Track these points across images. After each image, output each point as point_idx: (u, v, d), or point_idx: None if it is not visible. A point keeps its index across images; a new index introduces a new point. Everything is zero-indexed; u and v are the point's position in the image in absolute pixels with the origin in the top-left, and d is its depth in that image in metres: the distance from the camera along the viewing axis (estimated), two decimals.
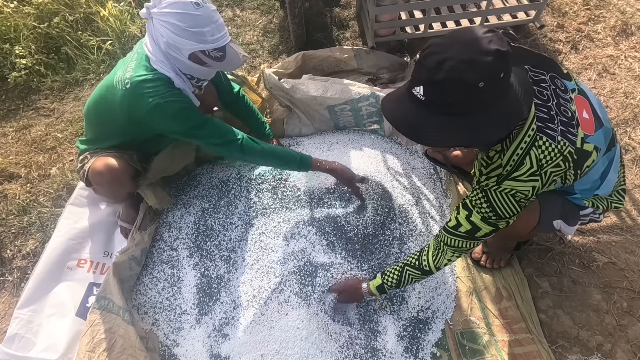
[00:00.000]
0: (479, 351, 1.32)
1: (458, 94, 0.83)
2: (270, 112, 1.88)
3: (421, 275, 1.19)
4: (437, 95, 0.85)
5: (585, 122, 1.02)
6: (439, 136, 0.88)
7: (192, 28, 1.15)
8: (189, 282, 1.46)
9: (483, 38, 0.82)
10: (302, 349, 1.29)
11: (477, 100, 0.84)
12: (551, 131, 0.96)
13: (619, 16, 2.22)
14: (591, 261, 1.49)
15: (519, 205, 0.99)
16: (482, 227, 1.05)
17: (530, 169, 0.94)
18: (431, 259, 1.15)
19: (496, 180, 0.98)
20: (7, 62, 2.22)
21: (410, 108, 0.89)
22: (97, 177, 1.36)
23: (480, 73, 0.81)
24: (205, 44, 1.18)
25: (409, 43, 2.21)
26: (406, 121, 0.91)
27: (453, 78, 0.81)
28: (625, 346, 1.32)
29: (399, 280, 1.21)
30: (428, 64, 0.83)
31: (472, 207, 1.04)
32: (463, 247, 1.10)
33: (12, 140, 2.05)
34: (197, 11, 1.14)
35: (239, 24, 2.45)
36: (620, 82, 1.99)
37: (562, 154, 0.95)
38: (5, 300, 1.58)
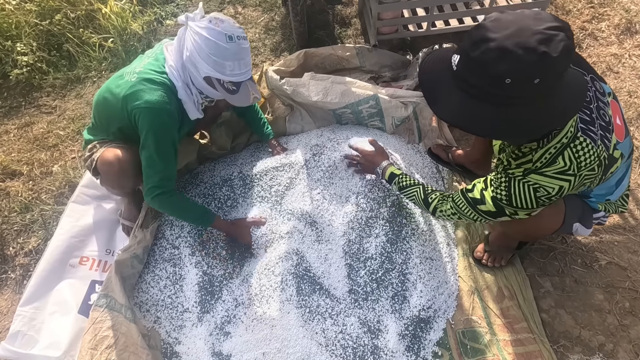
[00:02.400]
0: (480, 350, 1.32)
1: (482, 79, 0.78)
2: (272, 110, 1.88)
3: (420, 202, 1.25)
4: (466, 70, 0.80)
5: (617, 129, 1.00)
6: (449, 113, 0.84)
7: (216, 57, 1.18)
8: (190, 280, 1.47)
9: (541, 33, 0.72)
10: (303, 348, 1.29)
11: (497, 95, 0.78)
12: (592, 134, 0.92)
13: (623, 14, 2.20)
14: (593, 261, 1.49)
15: (536, 202, 0.96)
16: (486, 203, 1.04)
17: (562, 167, 0.91)
18: (437, 197, 1.20)
19: (523, 171, 0.96)
20: (9, 59, 2.22)
21: (444, 71, 0.85)
22: (105, 167, 1.36)
23: (510, 69, 0.73)
24: (223, 75, 1.22)
25: (411, 41, 2.20)
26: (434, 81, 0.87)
27: (482, 61, 0.75)
28: (627, 346, 1.32)
29: (405, 188, 1.29)
30: (474, 36, 0.77)
31: (490, 185, 1.03)
32: (461, 209, 1.12)
33: (14, 138, 2.05)
34: (227, 45, 1.17)
35: (240, 22, 2.44)
36: (624, 81, 1.98)
37: (599, 158, 0.92)
38: (7, 298, 1.58)
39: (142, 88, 1.23)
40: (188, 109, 1.33)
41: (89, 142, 1.45)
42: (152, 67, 1.27)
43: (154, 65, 1.28)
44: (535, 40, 0.72)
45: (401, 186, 1.31)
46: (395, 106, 1.67)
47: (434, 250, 1.48)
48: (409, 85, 1.84)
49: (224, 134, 1.74)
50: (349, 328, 1.34)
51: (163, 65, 1.28)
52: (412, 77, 1.92)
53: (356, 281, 1.41)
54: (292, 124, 1.84)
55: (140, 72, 1.26)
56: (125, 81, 1.27)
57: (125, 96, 1.25)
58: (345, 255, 1.44)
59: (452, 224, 1.59)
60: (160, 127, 1.26)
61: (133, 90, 1.24)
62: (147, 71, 1.26)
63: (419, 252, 1.46)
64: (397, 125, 1.77)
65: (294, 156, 1.63)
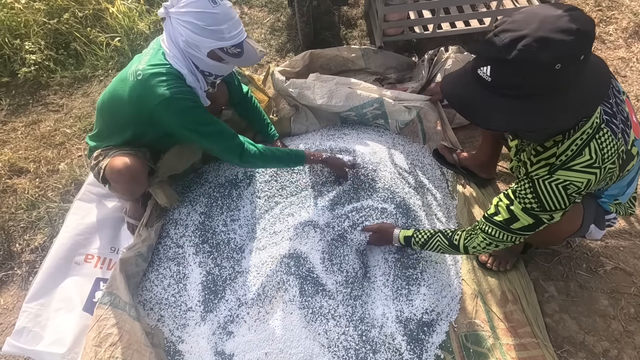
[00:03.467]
0: (483, 354, 1.32)
1: (531, 75, 0.75)
2: (277, 111, 1.88)
3: (448, 248, 1.16)
4: (506, 76, 0.78)
5: (635, 126, 0.99)
6: (504, 120, 0.81)
7: (211, 26, 1.15)
8: (194, 279, 1.47)
9: (564, 15, 0.74)
10: (306, 348, 1.30)
11: (551, 84, 0.77)
12: (614, 126, 0.91)
13: (631, 18, 2.19)
14: (598, 266, 1.48)
15: (569, 200, 0.92)
16: (520, 218, 0.98)
17: (588, 160, 0.88)
18: (463, 237, 1.13)
19: (548, 170, 0.92)
20: (17, 57, 2.25)
21: (475, 89, 0.82)
22: (115, 175, 1.35)
23: (558, 53, 0.73)
24: (224, 41, 1.18)
25: (417, 43, 2.20)
26: (468, 102, 0.84)
27: (526, 58, 0.73)
28: (632, 352, 1.31)
29: (426, 242, 1.20)
30: (499, 42, 0.76)
31: (515, 197, 0.98)
32: (496, 236, 1.05)
33: (22, 135, 2.07)
34: (215, 9, 1.15)
35: (246, 22, 2.45)
36: (631, 85, 1.96)
37: (617, 151, 0.91)
38: (13, 294, 1.60)
39: (151, 85, 1.21)
40: (198, 95, 1.31)
41: (94, 149, 1.45)
42: (154, 62, 1.24)
43: (155, 59, 1.25)
44: (565, 22, 0.74)
45: (421, 243, 1.22)
46: (399, 110, 1.67)
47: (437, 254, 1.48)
48: (414, 88, 1.84)
49: None
50: (351, 330, 1.34)
51: (164, 57, 1.25)
52: (417, 79, 1.91)
53: (359, 284, 1.41)
54: (297, 124, 1.85)
55: (143, 69, 1.22)
56: (132, 83, 1.24)
57: (138, 98, 1.23)
58: (349, 258, 1.44)
59: (458, 223, 1.58)
60: (190, 106, 1.24)
61: (143, 90, 1.22)
62: (150, 67, 1.22)
63: (422, 255, 1.46)
64: (401, 127, 1.77)
65: None
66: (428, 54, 1.89)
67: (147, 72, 1.22)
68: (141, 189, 1.45)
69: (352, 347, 1.31)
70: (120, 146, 1.41)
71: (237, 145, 1.33)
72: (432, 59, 1.88)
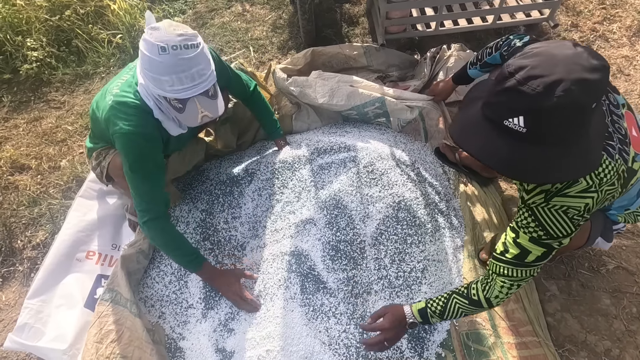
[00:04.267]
0: (484, 353, 1.31)
1: (573, 120, 0.73)
2: (279, 108, 1.88)
3: (469, 307, 1.03)
4: (547, 125, 0.73)
5: (635, 140, 0.96)
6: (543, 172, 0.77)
7: (152, 73, 1.07)
8: (195, 277, 1.47)
9: (582, 53, 0.73)
10: (307, 346, 1.30)
11: (584, 125, 0.75)
12: (611, 149, 0.89)
13: (635, 16, 2.17)
14: (601, 265, 1.47)
15: (572, 223, 0.89)
16: (531, 250, 0.93)
17: (585, 186, 0.86)
18: (480, 289, 1.01)
19: (544, 197, 0.89)
20: (19, 54, 2.25)
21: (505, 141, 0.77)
22: (119, 172, 1.35)
23: (594, 93, 0.72)
24: (164, 91, 1.09)
25: (419, 41, 2.19)
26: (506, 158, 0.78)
27: (569, 103, 0.70)
28: (634, 352, 1.30)
29: (444, 309, 1.05)
30: (531, 90, 0.72)
31: (519, 228, 0.94)
32: (513, 275, 0.96)
33: (24, 132, 2.07)
34: (160, 57, 1.04)
35: (248, 19, 2.44)
36: (635, 84, 1.95)
37: (617, 172, 0.89)
38: (15, 290, 1.60)
39: (115, 113, 1.17)
40: (167, 127, 1.25)
41: (92, 150, 1.45)
42: (126, 88, 1.20)
43: (128, 85, 1.21)
44: (586, 60, 0.73)
45: (439, 312, 1.07)
46: (401, 109, 1.67)
47: (439, 251, 1.47)
48: (416, 86, 1.83)
49: (229, 131, 1.74)
50: (352, 327, 1.34)
51: (137, 84, 1.20)
52: (419, 76, 1.91)
53: (361, 281, 1.41)
54: (299, 122, 1.84)
55: (115, 94, 1.19)
56: (105, 102, 1.21)
57: (105, 119, 1.21)
58: (351, 255, 1.44)
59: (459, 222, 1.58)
60: (136, 153, 1.19)
61: (109, 114, 1.19)
62: (121, 93, 1.19)
63: (424, 254, 1.45)
64: (403, 126, 1.76)
65: (300, 155, 1.63)
66: (430, 51, 1.88)
67: (117, 98, 1.19)
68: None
69: (352, 345, 1.31)
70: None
71: (146, 210, 1.24)
72: (435, 57, 1.88)
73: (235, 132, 1.77)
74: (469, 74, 1.45)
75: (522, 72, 0.74)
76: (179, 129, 1.28)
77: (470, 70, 1.43)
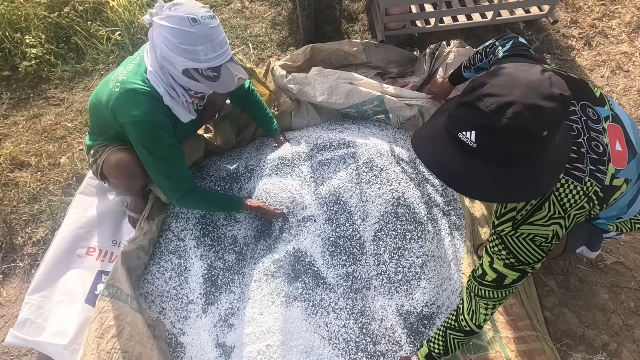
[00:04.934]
0: (482, 347, 1.32)
1: (520, 143, 0.74)
2: (278, 105, 1.88)
3: (465, 337, 1.09)
4: (495, 143, 0.75)
5: (617, 156, 0.93)
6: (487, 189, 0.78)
7: (185, 45, 1.09)
8: (195, 272, 1.48)
9: (544, 80, 0.74)
10: (306, 341, 1.30)
11: (535, 150, 0.76)
12: (579, 172, 0.88)
13: (634, 12, 2.17)
14: (599, 260, 1.48)
15: (542, 250, 0.91)
16: (507, 275, 0.95)
17: (548, 213, 0.87)
18: (467, 317, 1.06)
19: (511, 225, 0.90)
20: (18, 51, 2.24)
21: (455, 154, 0.79)
22: (112, 171, 1.36)
23: (546, 121, 0.72)
24: (198, 62, 1.12)
25: (419, 37, 2.19)
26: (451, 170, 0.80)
27: (517, 126, 0.71)
28: (631, 346, 1.31)
29: (446, 346, 1.11)
30: (485, 107, 0.73)
31: (493, 254, 0.96)
32: (494, 297, 0.99)
33: (23, 129, 2.07)
34: (193, 28, 1.08)
35: (247, 16, 2.44)
36: (634, 80, 1.95)
37: (587, 195, 0.88)
38: (16, 286, 1.61)
39: (125, 101, 1.18)
40: (178, 113, 1.26)
41: (91, 147, 1.45)
42: (134, 75, 1.21)
43: (136, 72, 1.21)
44: (547, 87, 0.73)
45: (442, 350, 1.12)
46: (400, 107, 1.67)
47: (438, 247, 1.48)
48: (416, 82, 1.83)
49: (229, 128, 1.74)
50: (352, 322, 1.35)
51: (145, 72, 1.21)
52: (418, 73, 1.91)
53: (360, 277, 1.42)
54: (298, 118, 1.85)
55: (123, 81, 1.19)
56: (110, 90, 1.21)
57: (112, 108, 1.21)
58: (350, 251, 1.44)
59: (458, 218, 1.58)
60: (150, 139, 1.21)
61: (118, 102, 1.20)
62: (129, 81, 1.19)
63: (423, 249, 1.46)
64: (402, 122, 1.76)
65: (300, 151, 1.63)
66: (430, 48, 1.88)
67: (125, 85, 1.19)
68: (139, 183, 1.45)
69: (352, 340, 1.32)
70: (115, 143, 1.40)
71: (176, 189, 1.33)
72: (434, 54, 1.88)
73: (235, 129, 1.77)
74: (464, 77, 1.44)
75: (482, 88, 0.75)
76: (189, 115, 1.30)
77: (465, 72, 1.42)
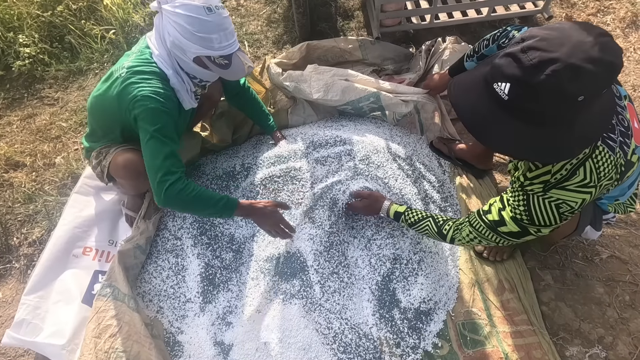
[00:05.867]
0: (480, 342, 1.33)
1: (552, 103, 0.71)
2: (274, 102, 1.88)
3: (435, 235, 1.17)
4: (526, 99, 0.73)
5: (636, 132, 0.95)
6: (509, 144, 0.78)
7: (201, 33, 1.13)
8: (193, 271, 1.48)
9: (597, 44, 0.70)
10: (304, 338, 1.31)
11: (567, 115, 0.73)
12: (611, 142, 0.88)
13: (629, 7, 2.18)
14: (594, 254, 1.49)
15: (560, 218, 0.91)
16: (507, 224, 0.98)
17: (583, 180, 0.87)
18: (452, 228, 1.13)
19: (543, 187, 0.90)
20: (11, 50, 2.22)
21: (487, 104, 0.78)
22: (120, 172, 1.35)
23: (585, 86, 0.69)
24: (212, 50, 1.16)
25: (414, 34, 2.19)
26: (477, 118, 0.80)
27: (553, 85, 0.69)
28: (626, 339, 1.33)
29: (415, 223, 1.21)
30: (526, 61, 0.70)
31: (508, 204, 0.98)
32: (482, 233, 1.05)
33: (17, 129, 2.06)
34: (208, 17, 1.12)
35: (242, 14, 2.43)
36: (629, 75, 1.96)
37: (616, 166, 0.89)
38: (12, 287, 1.60)
39: (133, 80, 1.18)
40: (182, 98, 1.27)
41: (91, 149, 1.43)
42: (139, 59, 1.22)
43: (141, 57, 1.22)
44: (598, 51, 0.69)
45: (411, 222, 1.23)
46: (396, 103, 1.67)
47: (435, 243, 1.49)
48: (412, 79, 1.84)
49: (225, 126, 1.74)
50: (350, 319, 1.35)
51: (150, 56, 1.22)
52: (414, 70, 1.91)
53: (357, 273, 1.42)
54: (295, 116, 1.84)
55: (129, 66, 1.21)
56: (116, 78, 1.22)
57: (119, 92, 1.20)
58: (347, 248, 1.45)
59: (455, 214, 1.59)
60: (158, 112, 1.19)
61: (125, 84, 1.19)
62: (135, 64, 1.21)
63: (420, 245, 1.46)
64: (398, 119, 1.77)
65: (296, 149, 1.63)
66: (425, 44, 1.88)
67: (131, 68, 1.20)
68: (147, 183, 1.42)
69: (350, 336, 1.32)
70: (119, 143, 1.39)
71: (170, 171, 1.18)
72: (430, 50, 1.88)
73: (231, 126, 1.77)
74: (465, 67, 1.45)
75: (531, 40, 0.73)
76: (191, 102, 1.31)
77: (467, 62, 1.43)
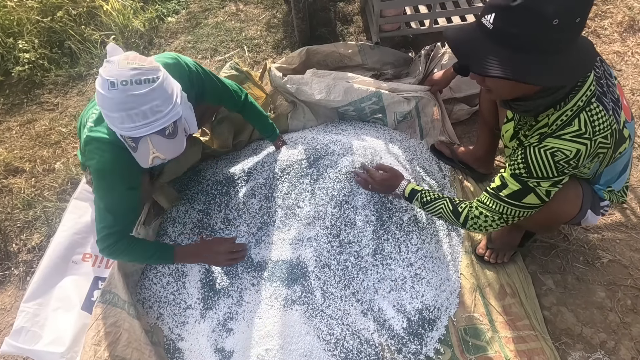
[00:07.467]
0: (482, 347, 1.32)
1: (529, 25, 0.79)
2: (274, 107, 1.88)
3: (449, 214, 1.18)
4: (507, 23, 0.81)
5: (625, 109, 1.03)
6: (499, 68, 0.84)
7: (103, 109, 1.02)
8: (193, 277, 1.47)
9: None
10: (306, 344, 1.30)
11: (547, 39, 0.81)
12: (605, 103, 0.95)
13: (626, 12, 2.20)
14: (595, 258, 1.49)
15: (556, 168, 0.96)
16: (508, 184, 1.03)
17: (577, 130, 0.93)
18: (466, 207, 1.15)
19: (538, 137, 0.97)
20: (11, 56, 2.22)
21: (476, 35, 0.87)
22: None
23: (560, 8, 0.76)
24: (116, 128, 1.03)
25: (413, 38, 2.20)
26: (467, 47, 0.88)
27: (529, 7, 0.77)
28: (628, 344, 1.32)
29: (429, 202, 1.22)
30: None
31: (508, 165, 1.05)
32: (487, 205, 1.09)
33: (17, 135, 2.05)
34: (109, 93, 0.97)
35: (242, 19, 2.43)
36: (627, 79, 1.97)
37: (611, 127, 0.95)
38: (11, 294, 1.59)
39: (91, 149, 1.15)
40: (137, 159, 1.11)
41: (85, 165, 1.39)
42: (99, 123, 1.16)
43: (99, 119, 1.16)
44: None
45: (424, 201, 1.24)
46: (397, 101, 1.68)
47: (436, 248, 1.48)
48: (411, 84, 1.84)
49: (226, 131, 1.74)
50: (352, 325, 1.34)
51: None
52: (414, 74, 1.91)
53: (359, 279, 1.42)
54: (295, 120, 1.84)
55: (89, 128, 1.16)
56: (82, 133, 1.19)
57: (82, 150, 1.20)
58: (348, 253, 1.44)
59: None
60: (105, 188, 1.18)
61: (86, 148, 1.17)
62: (95, 129, 1.15)
63: (421, 251, 1.46)
64: (399, 121, 1.77)
65: (297, 154, 1.63)
66: (425, 49, 1.89)
67: (90, 134, 1.15)
68: (147, 196, 1.41)
69: (351, 343, 1.32)
70: None
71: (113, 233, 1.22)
72: (429, 55, 1.88)
73: (232, 132, 1.77)
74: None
75: None
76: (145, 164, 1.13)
77: None
